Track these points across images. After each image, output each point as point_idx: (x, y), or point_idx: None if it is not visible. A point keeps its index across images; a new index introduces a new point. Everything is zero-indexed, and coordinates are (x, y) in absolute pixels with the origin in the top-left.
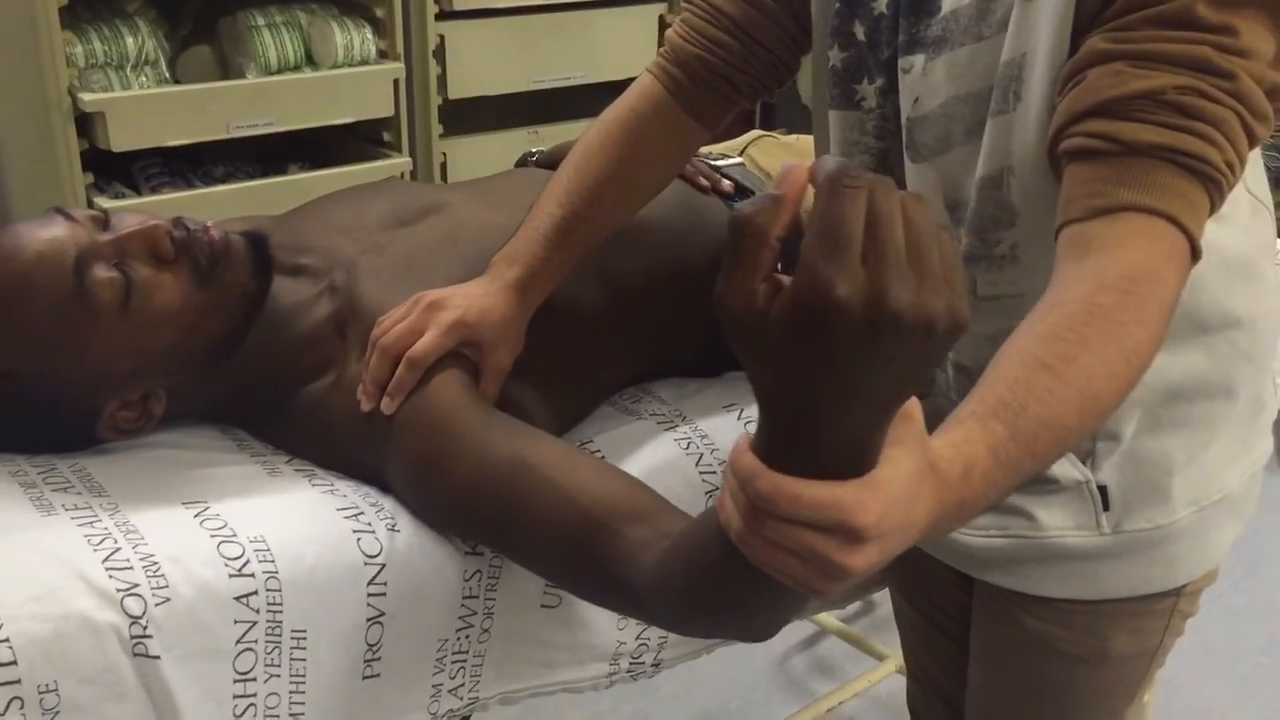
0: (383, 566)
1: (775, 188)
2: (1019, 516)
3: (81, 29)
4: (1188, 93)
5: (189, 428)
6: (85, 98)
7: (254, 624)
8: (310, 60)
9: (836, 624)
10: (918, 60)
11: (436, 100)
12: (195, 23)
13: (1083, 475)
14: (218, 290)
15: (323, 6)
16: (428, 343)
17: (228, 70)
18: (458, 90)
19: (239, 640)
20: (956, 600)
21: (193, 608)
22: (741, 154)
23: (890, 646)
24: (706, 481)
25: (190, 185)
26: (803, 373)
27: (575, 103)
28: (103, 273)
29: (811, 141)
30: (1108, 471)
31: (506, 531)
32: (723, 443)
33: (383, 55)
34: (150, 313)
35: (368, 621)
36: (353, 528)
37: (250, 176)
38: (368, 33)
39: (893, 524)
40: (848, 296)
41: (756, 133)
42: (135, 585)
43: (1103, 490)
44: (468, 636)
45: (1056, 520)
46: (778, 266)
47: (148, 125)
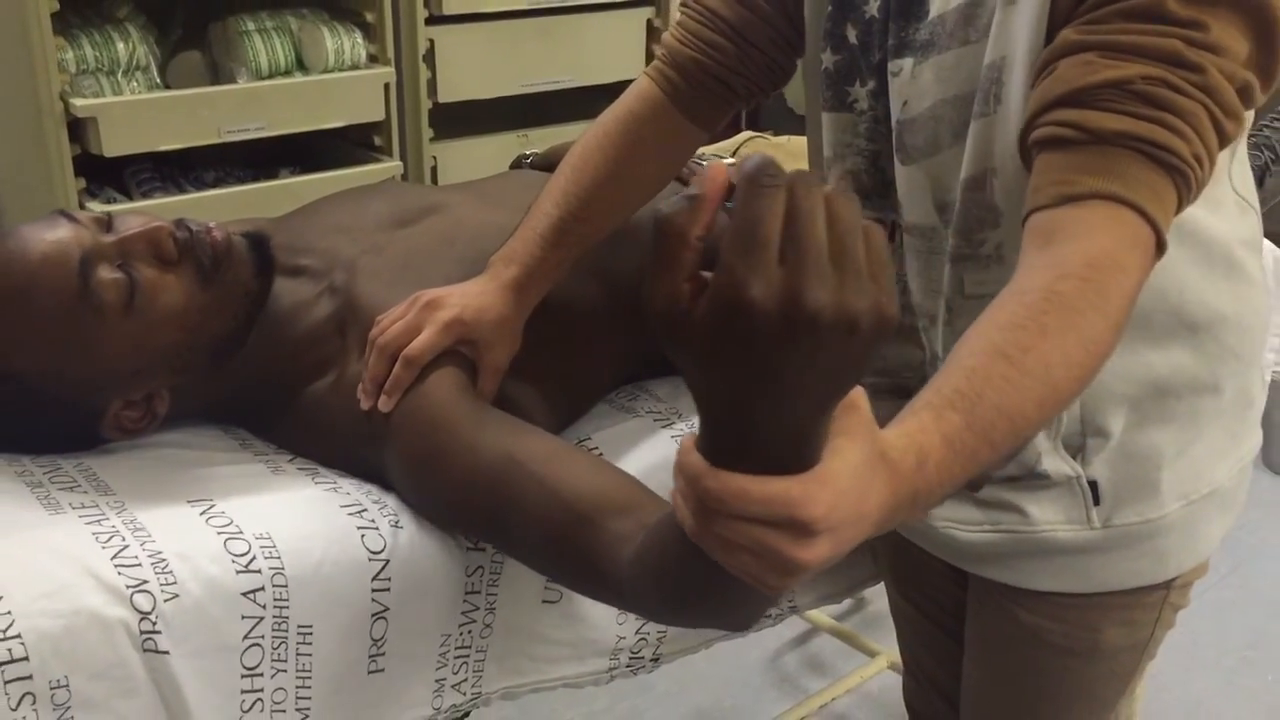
0: (386, 562)
1: (695, 187)
2: (1011, 512)
3: (72, 35)
4: (1156, 84)
5: (192, 428)
6: (77, 103)
7: (261, 619)
8: (301, 65)
9: (828, 621)
10: (906, 64)
11: (427, 104)
12: (185, 28)
13: (1073, 471)
14: (220, 290)
15: (313, 11)
16: (424, 341)
17: (218, 75)
18: (448, 94)
19: (246, 636)
20: (951, 595)
21: (201, 604)
22: (734, 155)
23: (882, 643)
24: None
25: (181, 190)
26: (729, 373)
27: (564, 106)
28: (107, 273)
29: (803, 142)
30: (1098, 467)
31: (498, 527)
32: None
33: (373, 60)
34: (154, 313)
35: (372, 617)
36: (357, 524)
37: (241, 181)
38: (358, 37)
39: (844, 515)
40: (763, 297)
41: (749, 134)
42: (144, 582)
43: (1093, 485)
44: (470, 631)
45: (1048, 515)
46: (704, 266)
47: (140, 130)
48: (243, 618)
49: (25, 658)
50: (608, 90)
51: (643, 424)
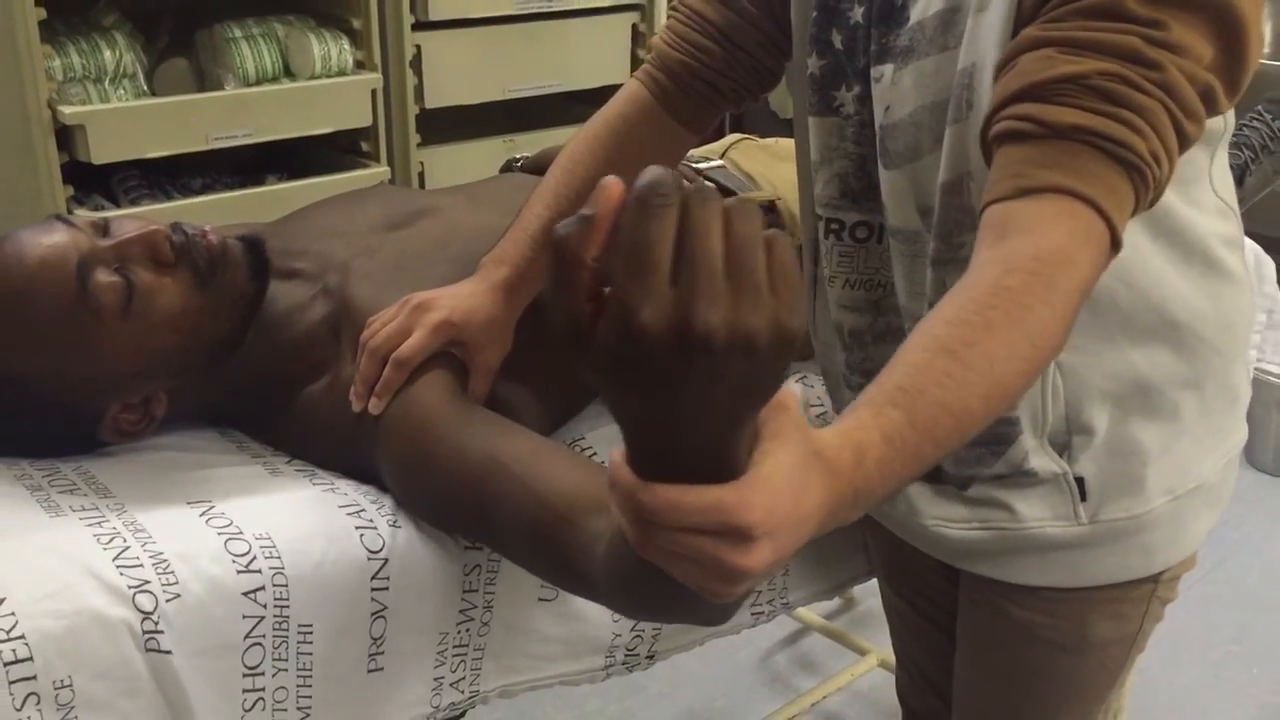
0: (385, 561)
1: (587, 206)
2: (1000, 509)
3: (59, 43)
4: (1113, 79)
5: (189, 430)
6: (66, 110)
7: (261, 619)
8: (288, 71)
9: (819, 620)
10: (887, 70)
11: (414, 110)
12: (171, 36)
13: (1060, 468)
14: (217, 293)
15: (299, 18)
16: (414, 343)
17: (204, 83)
18: (434, 100)
19: (247, 635)
20: (943, 590)
21: (202, 603)
22: (722, 156)
23: (872, 642)
24: None
25: (169, 197)
26: (634, 394)
27: (550, 111)
28: (104, 277)
29: (791, 144)
30: (1085, 464)
31: (485, 528)
32: None
33: (360, 66)
34: (151, 316)
35: (371, 616)
36: (355, 524)
37: (229, 188)
38: (345, 44)
39: (781, 518)
40: (653, 321)
41: (736, 136)
42: (146, 582)
43: (1080, 482)
44: (468, 630)
45: (1035, 512)
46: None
47: (128, 137)
48: (244, 617)
49: (29, 658)
50: (594, 95)
51: None
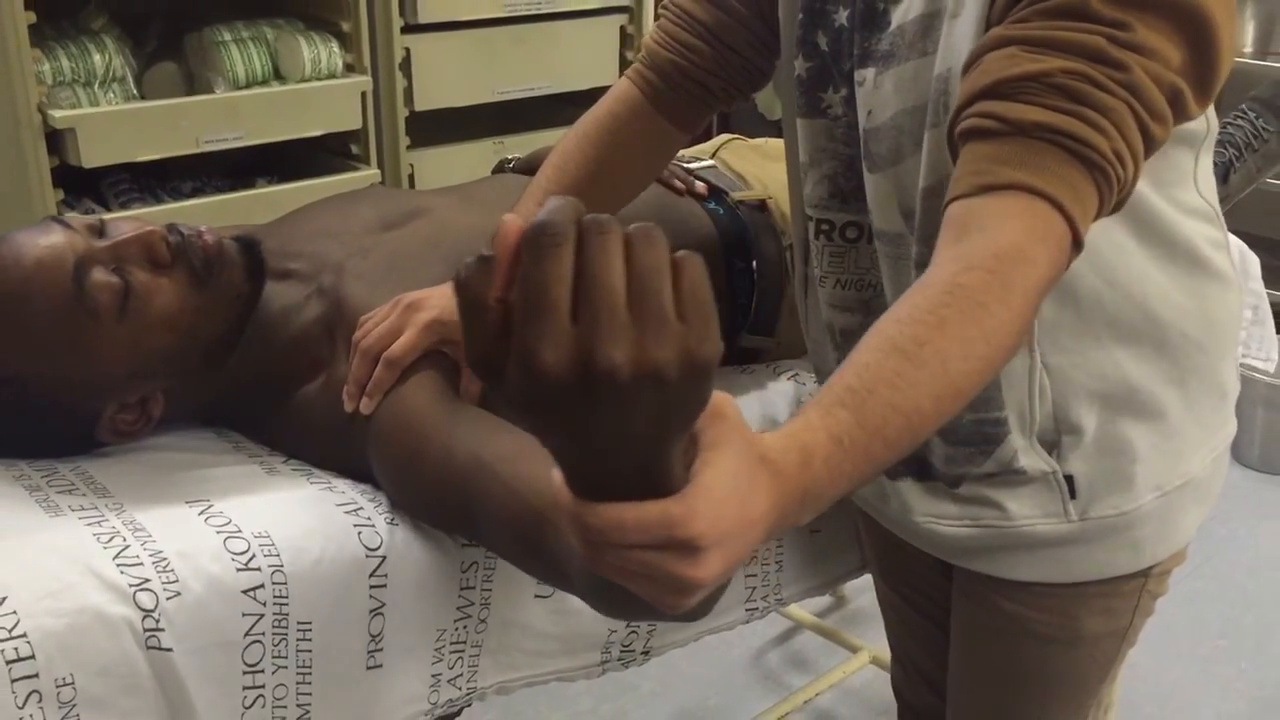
0: (383, 559)
1: (487, 246)
2: (990, 507)
3: (49, 47)
4: (1077, 78)
5: (186, 431)
6: (56, 114)
7: (261, 616)
8: (278, 75)
9: (810, 618)
10: (869, 74)
11: (403, 112)
12: (160, 40)
13: (1049, 466)
14: (213, 293)
15: (289, 21)
16: (405, 342)
17: (194, 86)
18: (424, 102)
19: (247, 633)
20: (937, 586)
21: (202, 601)
22: (713, 156)
23: (863, 639)
24: None
25: (159, 200)
26: (551, 429)
27: (539, 113)
28: (101, 277)
29: (780, 144)
30: (1074, 462)
31: (472, 528)
32: None
33: (349, 69)
34: (148, 316)
35: (370, 613)
36: (353, 522)
37: (219, 190)
38: (334, 47)
39: (728, 526)
40: (554, 362)
41: (727, 136)
42: (146, 580)
43: (1069, 480)
44: (465, 627)
45: (1025, 510)
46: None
47: (119, 141)
48: (243, 615)
49: (31, 656)
50: (583, 97)
51: None
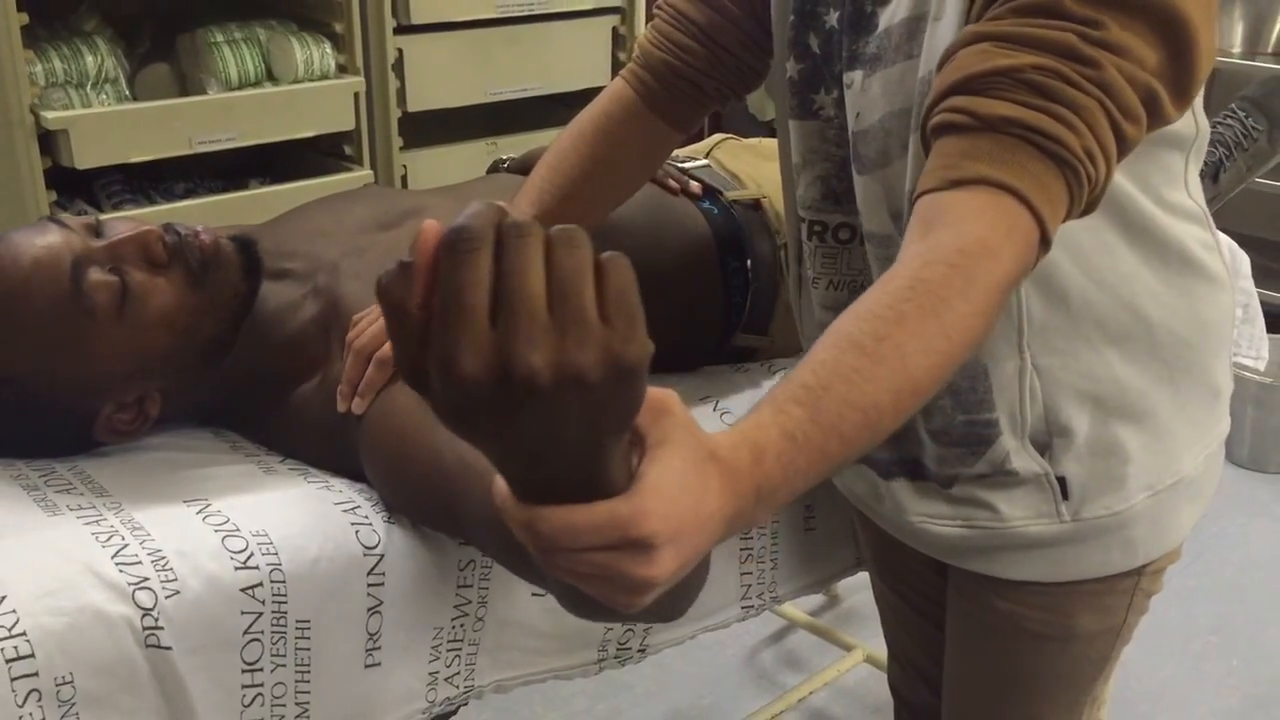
0: (381, 557)
1: (409, 253)
2: (982, 508)
3: (41, 48)
4: (1048, 74)
5: (183, 430)
6: (49, 116)
7: (260, 615)
8: (270, 76)
9: (804, 617)
10: (857, 76)
11: (396, 113)
12: (153, 41)
13: (1042, 468)
14: (210, 292)
15: (281, 22)
16: None
17: (186, 87)
18: (417, 103)
19: (246, 631)
20: (933, 583)
21: (201, 600)
22: (707, 156)
23: (857, 637)
24: None
25: (152, 202)
26: (480, 435)
27: (532, 114)
28: (99, 277)
29: (774, 144)
30: (1066, 464)
31: (458, 528)
32: None
33: (342, 70)
34: (146, 315)
35: (368, 611)
36: (351, 520)
37: (212, 191)
38: (327, 48)
39: (680, 523)
40: (473, 369)
41: (721, 135)
42: (145, 579)
43: (1062, 481)
44: (463, 625)
45: (1018, 511)
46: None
47: (112, 142)
48: (242, 613)
49: (30, 655)
50: (575, 97)
51: None
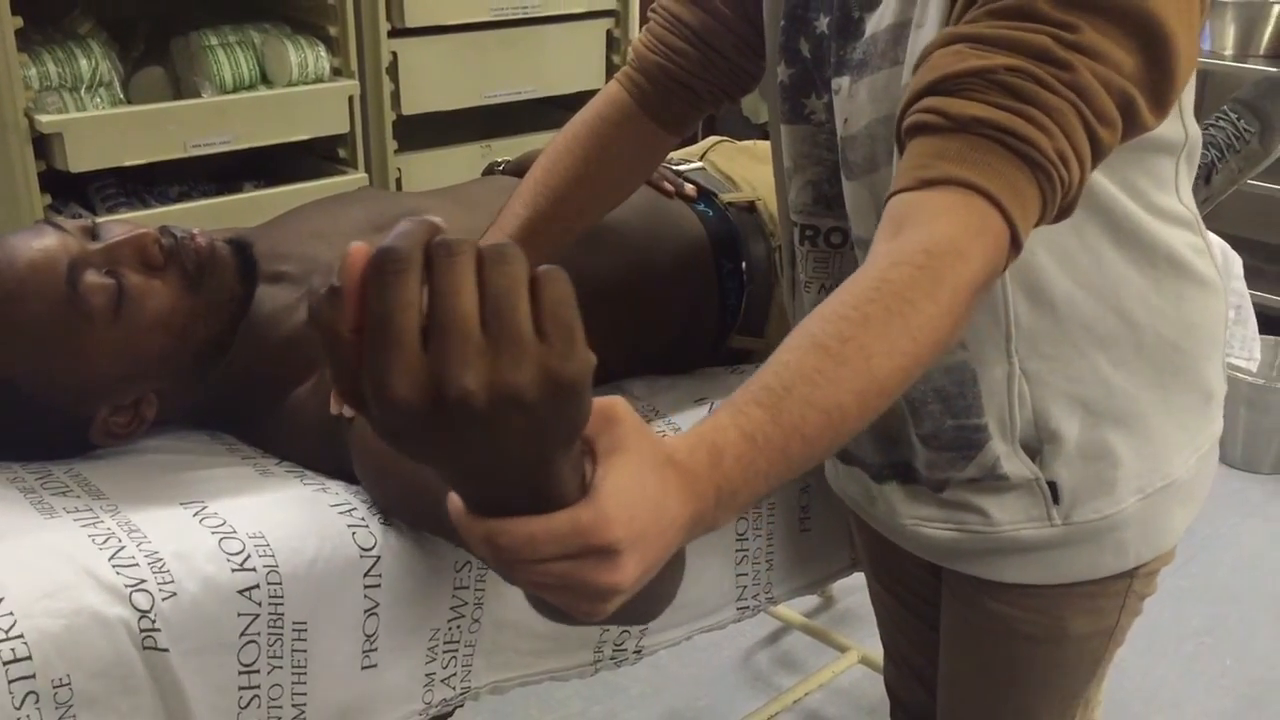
0: (378, 559)
1: (335, 277)
2: (974, 513)
3: (35, 52)
4: (1021, 75)
5: (179, 433)
6: (43, 119)
7: (256, 617)
8: (265, 79)
9: (799, 618)
10: (844, 82)
11: (391, 116)
12: (147, 44)
13: (1033, 473)
14: (206, 295)
15: (276, 26)
16: None
17: (180, 90)
18: (411, 106)
19: (243, 633)
20: (928, 584)
21: (198, 601)
22: (702, 159)
23: (852, 638)
24: None
25: (146, 205)
26: (423, 455)
27: (526, 117)
28: (95, 279)
29: (769, 146)
30: (1057, 469)
31: (445, 532)
32: None
33: (336, 73)
34: (142, 318)
35: (365, 613)
36: (347, 522)
37: (206, 195)
38: (321, 51)
39: (642, 527)
40: (406, 393)
41: (715, 138)
42: (142, 581)
43: (1053, 486)
44: (459, 626)
45: (1009, 515)
46: None
47: (106, 146)
48: (239, 615)
49: (28, 657)
50: (570, 100)
51: None
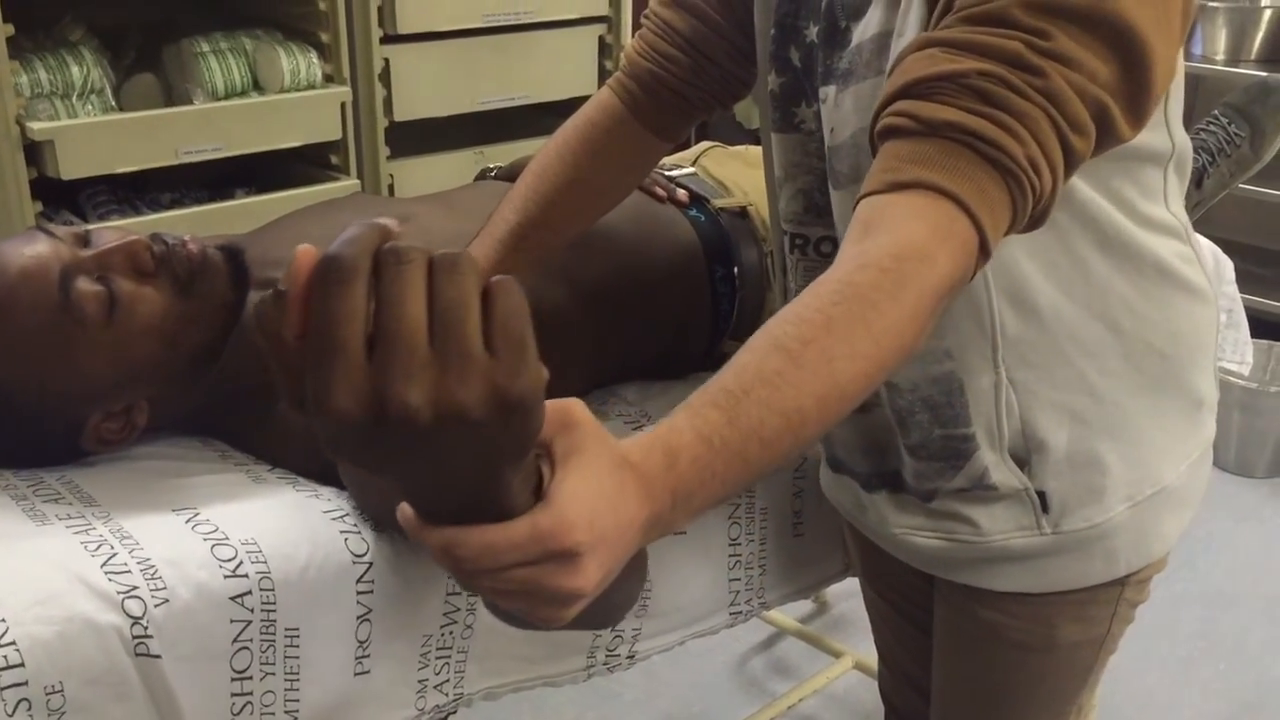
0: (370, 565)
1: (281, 281)
2: (962, 523)
3: (26, 59)
4: (992, 80)
5: (171, 439)
6: (34, 127)
7: (249, 623)
8: (257, 86)
9: (793, 624)
10: (831, 91)
11: (383, 123)
12: (139, 51)
13: (1021, 483)
14: (198, 301)
15: (267, 32)
16: None
17: (172, 97)
18: (404, 113)
19: (235, 639)
20: (920, 590)
21: (190, 608)
22: (694, 164)
23: (846, 644)
24: None
25: (138, 212)
26: (368, 467)
27: (519, 123)
28: (87, 286)
29: (760, 152)
30: (1046, 478)
31: None
32: None
33: (329, 79)
34: (133, 324)
35: (357, 619)
36: (340, 528)
37: (198, 202)
38: (313, 57)
39: (602, 530)
40: (349, 407)
41: (707, 144)
42: (134, 588)
43: (1041, 495)
44: (452, 632)
45: (999, 525)
46: None
47: (98, 153)
48: (231, 621)
49: (21, 664)
50: (562, 106)
51: (613, 426)
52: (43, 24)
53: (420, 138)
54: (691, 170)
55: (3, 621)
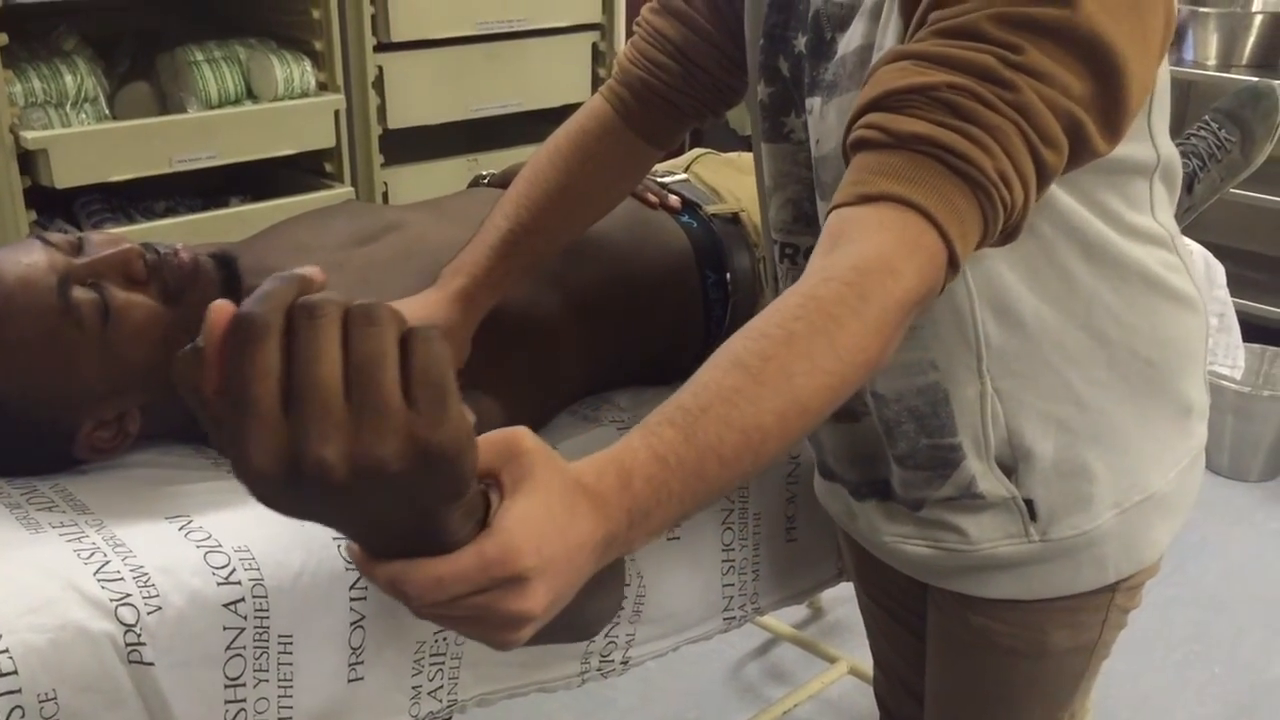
0: None
1: (201, 336)
2: (950, 531)
3: (20, 68)
4: (962, 93)
5: (164, 447)
6: (28, 135)
7: (242, 630)
8: (250, 94)
9: (788, 629)
10: (816, 102)
11: (377, 130)
12: (132, 60)
13: (1009, 492)
14: (190, 309)
15: (261, 40)
16: None
17: (167, 106)
18: (397, 120)
19: (228, 646)
20: (914, 595)
21: (183, 615)
22: (686, 170)
23: (841, 649)
24: None
25: (132, 220)
26: (298, 516)
27: (512, 130)
28: (80, 294)
29: (751, 159)
30: (1033, 487)
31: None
32: None
33: (322, 87)
34: (125, 332)
35: (351, 625)
36: (333, 535)
37: (192, 210)
38: (307, 65)
39: (551, 553)
40: (265, 464)
41: (699, 150)
42: (128, 595)
43: (1029, 503)
44: (445, 638)
45: (987, 534)
46: None
47: (91, 161)
48: (224, 628)
49: (14, 671)
50: (555, 114)
51: (606, 432)
52: (37, 33)
53: (414, 145)
54: (684, 176)
55: None
